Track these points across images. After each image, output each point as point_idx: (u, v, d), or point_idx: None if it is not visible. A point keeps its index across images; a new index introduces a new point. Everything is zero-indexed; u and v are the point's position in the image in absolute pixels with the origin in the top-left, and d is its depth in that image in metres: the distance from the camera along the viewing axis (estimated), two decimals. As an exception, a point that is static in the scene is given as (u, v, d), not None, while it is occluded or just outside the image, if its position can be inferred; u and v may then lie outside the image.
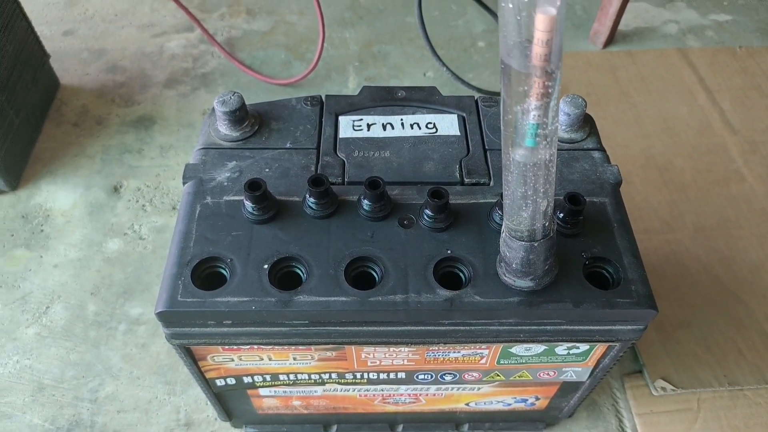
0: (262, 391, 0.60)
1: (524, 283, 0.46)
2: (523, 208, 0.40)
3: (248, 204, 0.50)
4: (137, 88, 1.10)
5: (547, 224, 0.42)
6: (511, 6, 0.30)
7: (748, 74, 1.15)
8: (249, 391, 0.61)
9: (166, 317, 0.47)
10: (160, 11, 1.25)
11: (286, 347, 0.51)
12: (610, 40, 1.21)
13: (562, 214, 0.50)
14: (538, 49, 0.31)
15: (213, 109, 0.57)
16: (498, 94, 1.08)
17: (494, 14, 1.25)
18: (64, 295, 0.83)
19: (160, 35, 1.20)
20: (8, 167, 0.92)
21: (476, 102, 0.61)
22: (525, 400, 0.65)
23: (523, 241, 0.43)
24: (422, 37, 1.00)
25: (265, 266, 0.48)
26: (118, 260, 0.86)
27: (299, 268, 0.49)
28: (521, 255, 0.43)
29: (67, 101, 1.07)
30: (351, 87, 1.12)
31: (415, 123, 0.59)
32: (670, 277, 0.86)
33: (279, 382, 0.58)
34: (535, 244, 0.43)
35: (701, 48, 1.21)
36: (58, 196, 0.94)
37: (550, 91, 0.33)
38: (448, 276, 0.49)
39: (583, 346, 0.52)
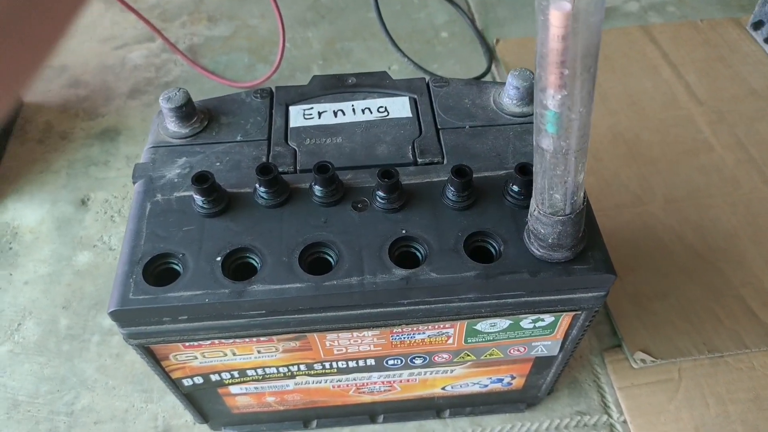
0: (233, 389, 0.59)
1: (560, 255, 0.45)
2: (554, 189, 0.40)
3: (197, 198, 0.49)
4: (101, 100, 1.09)
5: (579, 197, 0.42)
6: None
7: (711, 46, 1.16)
8: (220, 390, 0.60)
9: (119, 316, 0.46)
10: (121, 23, 1.24)
11: (247, 340, 0.50)
12: (573, 22, 1.21)
13: (515, 186, 0.50)
14: (553, 45, 0.31)
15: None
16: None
17: (455, 5, 1.25)
18: (36, 310, 0.82)
19: (121, 47, 1.20)
20: (-28, 188, 0.91)
21: (427, 84, 0.61)
22: (501, 380, 0.64)
23: (556, 216, 0.42)
24: (381, 31, 0.99)
25: (218, 258, 0.47)
26: (88, 272, 0.85)
27: (253, 258, 0.48)
28: (558, 230, 0.43)
29: (31, 119, 1.06)
30: (317, 85, 1.12)
31: (366, 108, 0.59)
32: (644, 249, 0.85)
33: (248, 378, 0.57)
34: (570, 218, 0.42)
35: (663, 23, 1.22)
36: (25, 213, 0.92)
37: (567, 81, 0.33)
38: (404, 256, 0.49)
39: (548, 318, 0.52)
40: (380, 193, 0.49)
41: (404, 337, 0.52)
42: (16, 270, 0.86)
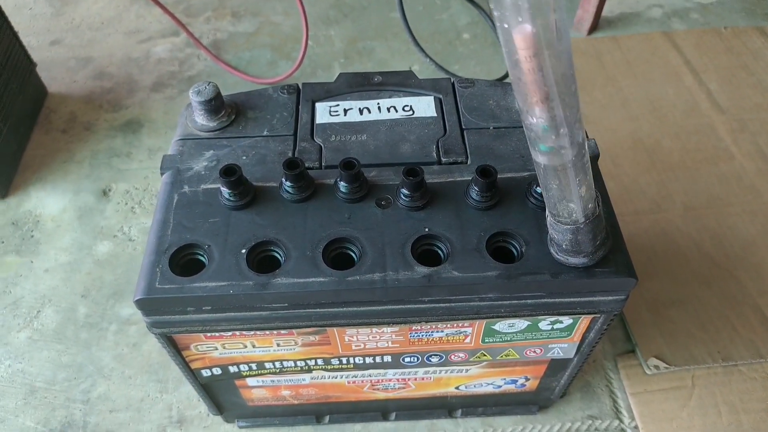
0: (250, 381, 0.60)
1: (577, 260, 0.46)
2: (558, 200, 0.41)
3: (224, 190, 0.50)
4: (124, 93, 1.10)
5: (590, 206, 0.42)
6: (499, 25, 0.30)
7: (734, 54, 1.15)
8: (237, 382, 0.60)
9: (144, 304, 0.47)
10: (146, 17, 1.26)
11: (267, 332, 0.51)
12: (595, 27, 1.21)
13: (539, 188, 0.50)
14: (526, 65, 0.31)
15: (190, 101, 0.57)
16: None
17: (479, 6, 1.25)
18: (55, 298, 0.83)
19: (146, 41, 1.21)
20: (-3, 175, 0.93)
21: (453, 84, 0.61)
22: (515, 381, 0.64)
23: (568, 225, 0.43)
24: (405, 30, 1.00)
25: (243, 251, 0.48)
26: (108, 262, 0.86)
27: (277, 252, 0.49)
28: (569, 237, 0.43)
29: (56, 109, 1.08)
30: (337, 83, 1.12)
31: (391, 106, 0.59)
32: (662, 256, 0.85)
33: (265, 371, 0.58)
34: (581, 226, 0.42)
35: (686, 30, 1.21)
36: (48, 202, 0.94)
37: (551, 96, 0.33)
38: (426, 254, 0.49)
39: (567, 320, 0.52)
40: (404, 190, 0.50)
41: (422, 335, 0.53)
42: (38, 258, 0.87)
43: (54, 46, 1.21)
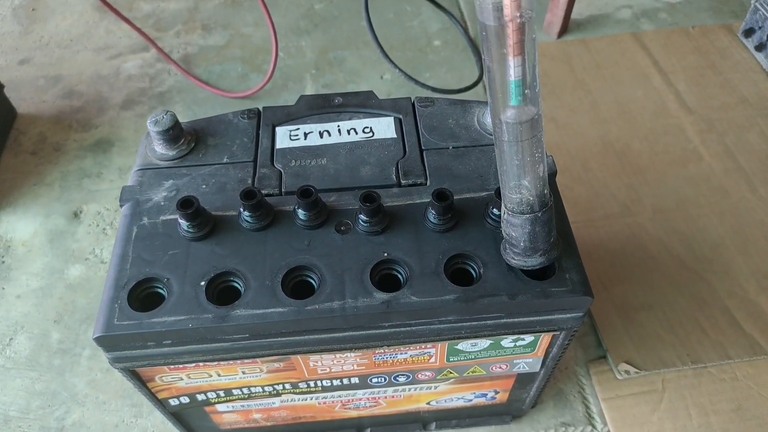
0: (220, 407, 0.60)
1: (535, 261, 0.46)
2: (522, 175, 0.42)
3: (183, 222, 0.50)
4: (94, 111, 1.10)
5: (546, 192, 0.43)
6: None
7: (702, 53, 1.16)
8: (207, 408, 0.61)
9: (104, 342, 0.47)
10: (116, 33, 1.25)
11: (231, 362, 0.51)
12: (564, 30, 1.22)
13: (495, 209, 0.50)
14: (506, 1, 0.34)
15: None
16: (452, 91, 1.09)
17: (449, 13, 1.25)
18: (28, 325, 0.83)
19: (115, 57, 1.20)
20: (-34, 201, 0.92)
21: (413, 103, 0.62)
22: (485, 395, 0.65)
23: (525, 214, 0.43)
24: (372, 41, 1.00)
25: (202, 283, 0.48)
26: (80, 286, 0.86)
27: (237, 282, 0.49)
28: (527, 230, 0.44)
29: (25, 130, 1.07)
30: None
31: (351, 128, 0.59)
32: (631, 260, 0.86)
33: (234, 397, 0.58)
34: (539, 215, 0.43)
35: (655, 30, 1.22)
36: (18, 227, 0.93)
37: (524, 45, 0.36)
38: (386, 278, 0.49)
39: (528, 338, 0.52)
40: (362, 216, 0.50)
41: (387, 357, 0.53)
42: (9, 284, 0.87)
43: (23, 65, 1.20)
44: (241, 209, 0.51)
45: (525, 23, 0.35)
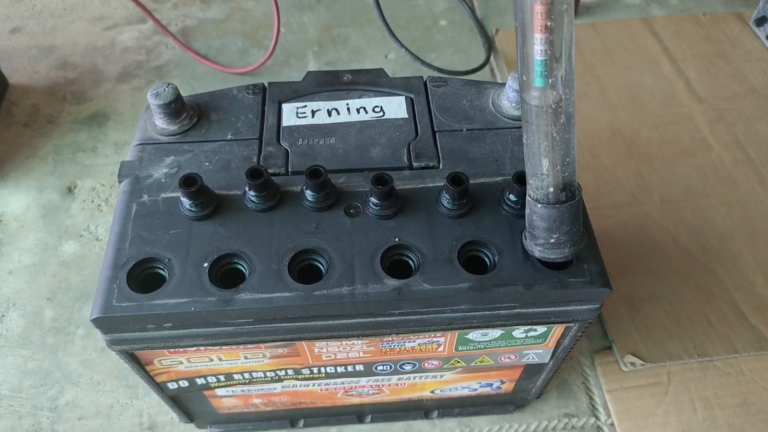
0: (219, 392, 0.59)
1: (558, 253, 0.43)
2: (546, 163, 0.39)
3: (185, 201, 0.48)
4: (89, 84, 1.06)
5: (575, 183, 0.41)
6: None
7: (713, 41, 1.14)
8: (206, 392, 0.59)
9: (102, 323, 0.45)
10: (111, 3, 1.21)
11: (233, 347, 0.49)
12: (574, 14, 1.19)
13: (512, 195, 0.48)
14: None
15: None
16: (459, 73, 1.06)
17: (455, -9, 1.22)
18: (20, 302, 0.80)
19: (111, 28, 1.16)
20: (-44, 173, 0.89)
21: (425, 83, 0.59)
22: (490, 384, 0.64)
23: (551, 204, 0.41)
24: (379, 18, 0.97)
25: (205, 264, 0.46)
26: (74, 263, 0.84)
27: (241, 265, 0.47)
28: (553, 221, 0.41)
29: (17, 101, 1.03)
30: (311, 73, 1.09)
31: (361, 107, 0.57)
32: (639, 250, 0.85)
33: (234, 382, 0.56)
34: (566, 207, 0.41)
35: (665, 16, 1.20)
36: (10, 201, 0.90)
37: (550, 24, 0.33)
38: (396, 264, 0.48)
39: (541, 329, 0.51)
40: (373, 199, 0.48)
41: (394, 345, 0.52)
42: (1, 259, 0.84)
43: (14, 34, 1.16)
44: (247, 188, 0.49)
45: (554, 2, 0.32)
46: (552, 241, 0.43)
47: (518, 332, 0.51)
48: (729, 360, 0.75)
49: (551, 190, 0.41)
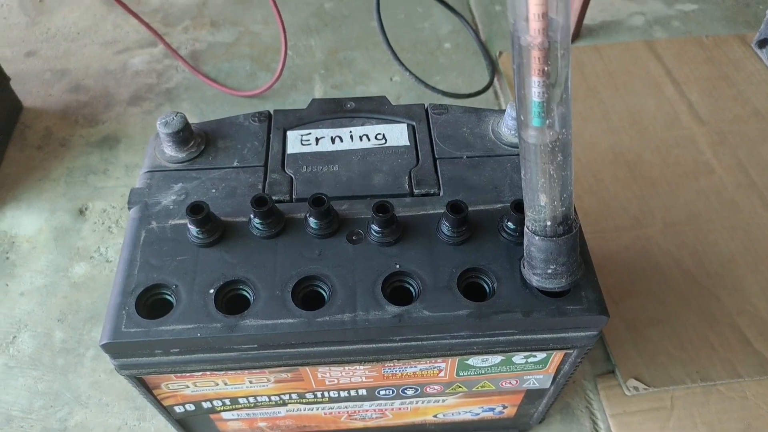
0: (225, 415, 0.59)
1: (555, 284, 0.44)
2: (544, 198, 0.40)
3: (192, 228, 0.49)
4: (101, 107, 1.09)
5: (571, 217, 0.42)
6: None
7: (715, 64, 1.15)
8: (211, 416, 0.60)
9: (111, 349, 0.46)
10: (123, 27, 1.24)
11: (239, 372, 0.50)
12: (576, 36, 1.21)
13: (510, 223, 0.49)
14: (534, 24, 0.32)
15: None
16: (463, 96, 1.08)
17: (460, 16, 1.24)
18: (31, 323, 0.82)
19: (123, 52, 1.19)
20: (-30, 195, 0.91)
21: (426, 110, 0.61)
22: (492, 409, 0.64)
23: (548, 237, 0.42)
24: (383, 42, 0.99)
25: (211, 291, 0.47)
26: (84, 285, 0.85)
27: (246, 291, 0.48)
28: (549, 253, 0.42)
29: (31, 124, 1.06)
30: (317, 95, 1.11)
31: (364, 135, 0.58)
32: (641, 274, 0.85)
33: (239, 406, 0.57)
34: (562, 240, 0.42)
35: (668, 39, 1.21)
36: (23, 222, 0.92)
37: (547, 69, 0.34)
38: (397, 290, 0.49)
39: (541, 354, 0.51)
40: (375, 226, 0.49)
41: (396, 371, 0.52)
42: (13, 280, 0.86)
43: (29, 57, 1.19)
44: (252, 216, 0.50)
45: (552, 45, 0.34)
46: (549, 271, 0.44)
47: (518, 358, 0.52)
48: (732, 384, 0.75)
49: (548, 223, 0.41)
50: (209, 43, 1.21)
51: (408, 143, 0.58)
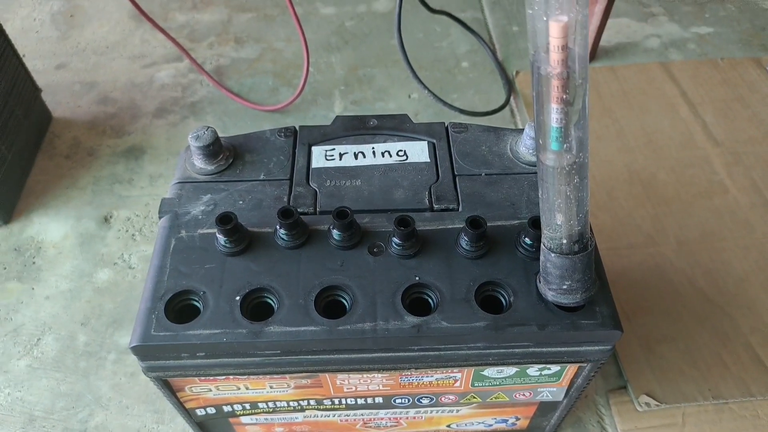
0: (244, 419, 0.61)
1: (569, 299, 0.46)
2: (560, 218, 0.42)
3: (220, 237, 0.51)
4: (127, 118, 1.12)
5: (587, 236, 0.44)
6: (531, 12, 0.33)
7: (731, 86, 1.16)
8: (231, 420, 0.61)
9: (140, 351, 0.48)
10: (150, 42, 1.28)
11: (261, 377, 0.52)
12: (593, 57, 1.23)
13: (527, 239, 0.51)
14: (554, 55, 0.34)
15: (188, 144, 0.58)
16: (479, 114, 1.10)
17: (477, 35, 1.27)
18: (55, 326, 0.84)
19: (150, 66, 1.23)
20: (1, 201, 0.94)
21: (446, 128, 0.63)
22: (505, 421, 0.65)
23: (564, 254, 0.44)
24: (403, 60, 1.01)
25: (237, 298, 0.49)
26: (107, 290, 0.88)
27: (270, 299, 0.50)
28: (565, 270, 0.44)
29: (60, 134, 1.09)
30: (337, 111, 1.14)
31: (386, 151, 0.60)
32: (655, 291, 0.86)
33: (259, 410, 0.59)
34: (578, 258, 0.43)
35: (683, 61, 1.22)
36: (50, 228, 0.95)
37: (566, 96, 0.36)
38: (416, 302, 0.50)
39: (555, 367, 0.53)
40: (396, 239, 0.51)
41: (413, 379, 0.54)
42: (39, 284, 0.89)
43: (59, 69, 1.23)
44: (278, 227, 0.52)
45: (571, 75, 0.35)
46: (564, 287, 0.45)
47: (532, 370, 0.53)
48: (744, 403, 0.76)
49: (564, 241, 0.43)
50: (233, 59, 1.25)
51: (428, 160, 0.60)
